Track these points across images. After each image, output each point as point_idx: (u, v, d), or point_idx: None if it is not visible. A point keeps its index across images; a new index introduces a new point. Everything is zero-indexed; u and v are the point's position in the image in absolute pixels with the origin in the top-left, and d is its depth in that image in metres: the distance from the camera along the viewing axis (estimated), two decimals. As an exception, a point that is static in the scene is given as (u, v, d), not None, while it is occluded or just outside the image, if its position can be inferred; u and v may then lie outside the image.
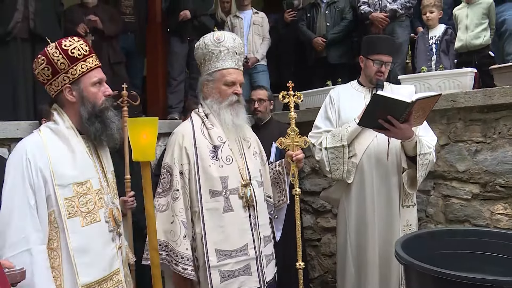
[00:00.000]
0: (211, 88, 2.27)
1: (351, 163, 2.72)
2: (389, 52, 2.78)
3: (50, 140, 1.77)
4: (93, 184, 1.82)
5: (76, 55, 1.80)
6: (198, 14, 4.77)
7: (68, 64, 1.79)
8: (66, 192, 1.73)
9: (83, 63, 1.82)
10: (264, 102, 3.89)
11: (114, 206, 1.91)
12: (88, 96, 1.83)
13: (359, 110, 2.61)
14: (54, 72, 1.80)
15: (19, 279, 1.42)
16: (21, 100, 3.71)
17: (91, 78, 1.84)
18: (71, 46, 1.80)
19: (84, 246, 1.74)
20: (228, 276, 2.14)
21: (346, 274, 2.81)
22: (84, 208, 1.77)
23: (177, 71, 4.87)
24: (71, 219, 1.73)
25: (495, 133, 2.99)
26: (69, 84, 1.81)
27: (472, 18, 3.74)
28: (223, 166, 2.20)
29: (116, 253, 1.88)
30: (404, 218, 2.68)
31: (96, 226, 1.79)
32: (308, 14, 4.97)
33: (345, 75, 4.35)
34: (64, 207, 1.71)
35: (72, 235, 1.72)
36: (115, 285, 1.85)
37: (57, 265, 1.71)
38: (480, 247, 1.95)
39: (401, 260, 1.76)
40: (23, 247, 1.62)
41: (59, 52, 1.79)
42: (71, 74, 1.80)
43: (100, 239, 1.81)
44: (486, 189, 3.03)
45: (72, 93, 1.82)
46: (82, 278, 1.71)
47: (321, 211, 4.12)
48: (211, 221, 2.15)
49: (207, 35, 2.31)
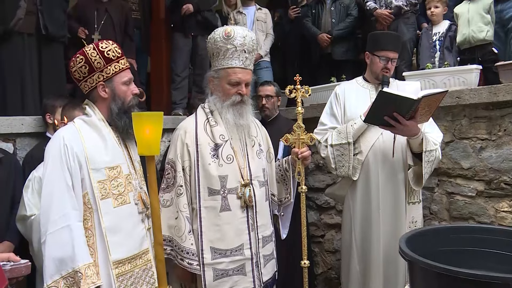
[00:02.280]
0: (215, 85, 2.26)
1: (356, 160, 2.72)
2: (395, 49, 2.77)
3: (84, 129, 1.98)
4: (123, 169, 2.01)
5: (111, 56, 2.00)
6: (202, 9, 4.75)
7: (103, 64, 2.00)
8: (99, 175, 1.92)
9: (116, 63, 2.03)
10: (272, 99, 3.87)
11: (142, 190, 2.07)
12: (119, 93, 2.03)
13: (365, 107, 2.60)
14: (91, 70, 2.00)
15: (24, 272, 1.43)
16: (28, 95, 3.71)
17: (122, 77, 2.04)
18: (107, 48, 2.01)
19: (116, 225, 1.92)
20: (221, 275, 2.15)
21: (351, 270, 2.81)
22: (116, 190, 1.95)
23: (181, 67, 4.86)
24: (104, 200, 1.91)
25: (500, 130, 2.98)
26: (103, 81, 2.01)
27: (474, 12, 3.71)
28: (223, 165, 2.20)
29: (146, 234, 2.03)
30: (410, 215, 2.68)
31: (126, 207, 1.97)
32: (313, 10, 4.95)
33: (350, 71, 4.35)
34: (98, 189, 1.90)
35: (105, 215, 1.90)
36: (144, 263, 2.01)
37: (91, 243, 1.88)
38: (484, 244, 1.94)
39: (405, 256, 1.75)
40: (63, 223, 1.80)
41: (96, 53, 1.99)
42: (106, 73, 2.01)
43: (130, 220, 1.98)
44: (490, 186, 3.02)
45: (105, 90, 2.02)
46: (114, 255, 1.89)
47: (325, 207, 4.12)
48: (208, 219, 2.16)
49: (219, 28, 2.28)
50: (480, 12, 3.70)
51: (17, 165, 2.87)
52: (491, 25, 3.70)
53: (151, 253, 2.04)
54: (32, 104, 3.70)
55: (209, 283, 2.12)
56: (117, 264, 1.90)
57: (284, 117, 3.98)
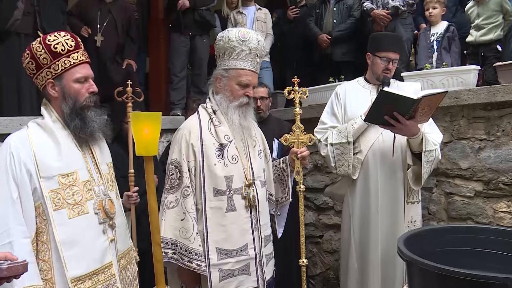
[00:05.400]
0: (223, 85, 2.23)
1: (356, 159, 2.73)
2: (396, 50, 2.79)
3: (36, 134, 1.78)
4: (80, 175, 1.80)
5: (59, 50, 1.79)
6: (198, 6, 4.73)
7: (50, 59, 1.79)
8: (51, 184, 1.72)
9: (66, 58, 1.80)
10: (265, 100, 3.88)
11: (106, 197, 1.87)
12: (70, 92, 1.82)
13: (365, 107, 2.61)
14: (38, 66, 1.81)
15: (21, 271, 1.42)
16: (24, 96, 3.71)
17: (74, 74, 1.82)
18: (55, 41, 1.79)
19: (72, 238, 1.73)
20: (227, 275, 2.14)
21: (350, 270, 2.82)
22: (71, 199, 1.75)
23: (179, 68, 4.86)
24: (58, 211, 1.72)
25: (499, 131, 2.98)
26: (52, 79, 1.81)
27: (482, 18, 3.69)
28: (229, 165, 2.18)
29: (109, 246, 1.85)
30: (408, 215, 2.69)
31: (84, 218, 1.78)
32: (317, 10, 4.93)
33: (349, 73, 4.33)
34: (50, 199, 1.71)
35: (59, 227, 1.71)
36: (108, 278, 1.82)
37: (47, 258, 1.71)
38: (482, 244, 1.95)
39: (403, 257, 1.75)
40: (5, 239, 1.63)
41: (42, 47, 1.79)
42: (54, 69, 1.80)
43: (89, 231, 1.79)
44: (489, 186, 3.02)
45: (54, 88, 1.82)
46: (71, 271, 1.71)
47: (323, 207, 4.12)
48: (214, 220, 2.14)
49: (232, 28, 2.26)
50: (489, 16, 3.65)
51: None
52: (501, 26, 3.65)
53: (115, 267, 1.87)
54: (29, 105, 3.69)
55: (215, 284, 2.10)
56: (75, 282, 1.71)
57: (275, 117, 3.98)
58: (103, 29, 4.33)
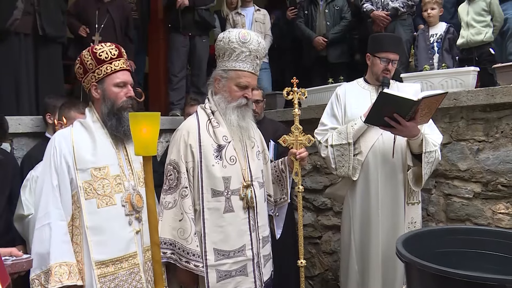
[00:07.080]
0: (222, 85, 2.23)
1: (356, 161, 2.73)
2: (396, 50, 2.79)
3: (78, 131, 2.04)
4: (111, 170, 2.02)
5: (103, 58, 2.04)
6: (197, 5, 4.72)
7: (95, 65, 2.04)
8: (85, 176, 1.96)
9: (109, 65, 2.05)
10: (260, 103, 3.88)
11: (135, 192, 2.06)
12: (109, 95, 2.06)
13: (365, 108, 2.62)
14: (85, 71, 2.08)
15: (25, 267, 1.44)
16: (24, 95, 3.70)
17: (114, 79, 2.06)
18: (100, 49, 2.05)
19: (99, 226, 1.94)
20: (225, 276, 2.14)
21: (350, 271, 2.82)
22: (101, 191, 1.97)
23: (178, 68, 4.84)
24: (89, 200, 1.95)
25: (498, 132, 2.98)
26: (95, 82, 2.06)
27: (472, 15, 3.75)
28: (227, 166, 2.18)
29: (134, 237, 2.03)
30: (409, 216, 2.69)
31: (112, 208, 1.99)
32: (305, 11, 4.91)
33: (344, 74, 4.33)
34: (83, 189, 1.95)
35: (89, 215, 1.93)
36: (131, 267, 2.00)
37: (79, 241, 1.94)
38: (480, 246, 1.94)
39: (402, 258, 1.75)
40: (45, 221, 1.89)
41: (89, 54, 2.04)
42: (97, 74, 2.05)
43: (115, 221, 1.98)
44: (488, 188, 3.02)
45: (97, 91, 2.07)
46: (96, 256, 1.92)
47: (322, 208, 4.12)
48: (211, 221, 2.15)
49: (233, 29, 2.26)
50: (478, 15, 3.72)
51: (15, 165, 2.87)
52: (491, 27, 3.71)
53: (140, 257, 2.04)
54: (27, 104, 3.69)
55: (213, 285, 2.11)
56: (99, 265, 1.93)
57: (269, 119, 3.97)
58: (101, 29, 4.32)
